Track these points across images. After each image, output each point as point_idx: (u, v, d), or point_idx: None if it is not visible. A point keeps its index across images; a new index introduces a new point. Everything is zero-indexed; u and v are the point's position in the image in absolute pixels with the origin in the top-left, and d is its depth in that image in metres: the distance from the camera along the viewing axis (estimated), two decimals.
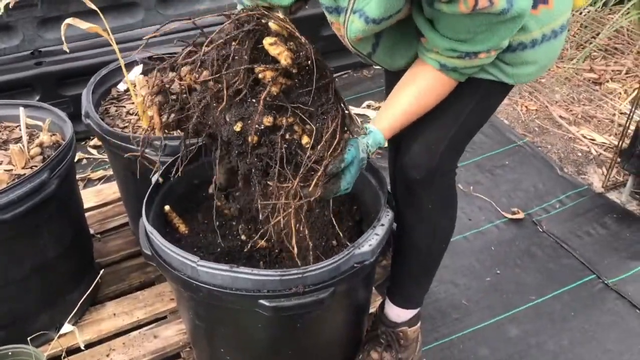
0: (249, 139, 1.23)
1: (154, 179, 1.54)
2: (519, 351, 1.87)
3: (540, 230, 2.31)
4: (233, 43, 1.25)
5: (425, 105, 1.34)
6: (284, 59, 1.19)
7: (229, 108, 1.26)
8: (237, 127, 1.24)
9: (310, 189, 1.22)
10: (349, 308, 1.50)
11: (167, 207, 1.55)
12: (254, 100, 1.23)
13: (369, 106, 3.05)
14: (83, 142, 2.82)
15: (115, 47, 1.81)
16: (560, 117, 2.96)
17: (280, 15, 1.26)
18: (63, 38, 1.73)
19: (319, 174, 1.21)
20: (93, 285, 1.71)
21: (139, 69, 2.05)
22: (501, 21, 1.15)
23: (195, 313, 1.43)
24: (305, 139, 1.24)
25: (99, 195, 2.28)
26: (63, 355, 1.65)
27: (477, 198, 2.47)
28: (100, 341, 1.78)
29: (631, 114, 2.36)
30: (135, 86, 1.95)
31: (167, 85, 1.35)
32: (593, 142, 2.79)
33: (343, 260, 1.29)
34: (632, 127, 2.39)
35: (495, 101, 1.48)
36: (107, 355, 1.72)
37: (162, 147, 1.55)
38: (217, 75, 1.24)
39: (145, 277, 1.98)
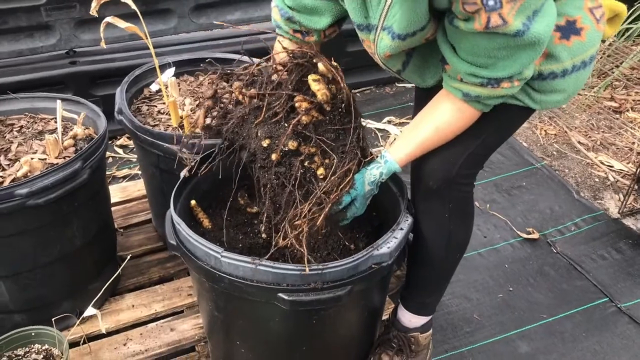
0: (273, 156, 1.37)
1: (182, 174, 1.59)
2: None
3: (555, 251, 2.33)
4: (283, 72, 1.41)
5: (445, 137, 1.38)
6: (321, 95, 1.33)
7: (263, 125, 1.39)
8: (265, 142, 1.38)
9: (316, 222, 1.34)
10: (364, 309, 1.53)
11: (193, 202, 1.61)
12: (285, 124, 1.37)
13: (389, 122, 3.10)
14: (110, 141, 2.90)
15: (151, 48, 1.88)
16: (579, 142, 2.99)
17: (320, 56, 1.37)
18: (102, 35, 1.81)
19: (323, 213, 1.34)
20: (115, 276, 1.77)
21: (171, 71, 2.12)
22: (520, 45, 1.16)
23: (214, 304, 1.47)
24: (320, 170, 1.37)
25: (124, 191, 2.35)
26: (83, 340, 1.69)
27: (493, 216, 2.49)
28: (117, 330, 1.83)
29: None
30: (167, 87, 2.02)
31: (219, 93, 1.51)
32: (611, 169, 2.81)
33: (362, 260, 1.33)
34: None
35: (518, 123, 1.51)
36: (125, 344, 1.76)
37: (198, 147, 1.62)
38: (262, 93, 1.39)
39: (165, 272, 2.03)
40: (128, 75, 2.07)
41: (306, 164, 1.37)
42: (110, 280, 1.76)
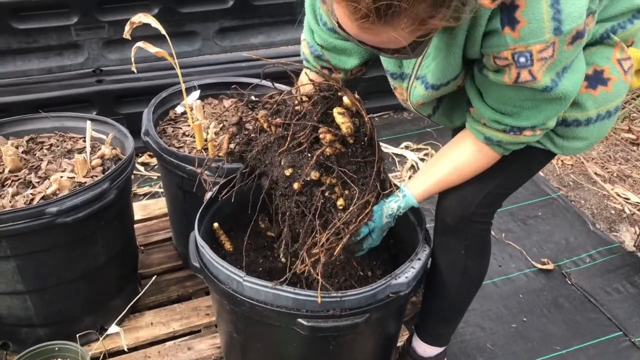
0: (295, 185, 1.39)
1: (206, 198, 1.63)
2: None
3: (569, 282, 2.34)
4: (309, 103, 1.44)
5: (464, 176, 1.40)
6: (345, 128, 1.36)
7: (287, 154, 1.42)
8: (288, 171, 1.40)
9: (333, 251, 1.36)
10: (380, 336, 1.56)
11: (215, 225, 1.65)
12: (309, 154, 1.39)
13: (406, 147, 3.14)
14: None
15: (178, 71, 1.94)
16: (596, 173, 3.00)
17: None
18: (132, 59, 1.88)
19: (340, 243, 1.36)
20: (140, 295, 1.81)
21: (196, 94, 2.18)
22: (546, 99, 1.19)
23: (234, 326, 1.51)
24: (340, 201, 1.40)
25: (145, 209, 2.39)
26: (103, 355, 1.73)
27: (508, 246, 2.51)
28: (136, 347, 1.86)
29: None
30: (192, 110, 2.08)
31: (244, 120, 1.55)
32: (627, 201, 2.81)
33: (380, 288, 1.36)
34: None
35: (538, 166, 1.53)
36: None
37: (221, 170, 1.65)
38: (288, 124, 1.43)
39: (184, 290, 2.07)
40: (155, 98, 2.13)
41: (327, 194, 1.40)
42: (135, 300, 1.80)
